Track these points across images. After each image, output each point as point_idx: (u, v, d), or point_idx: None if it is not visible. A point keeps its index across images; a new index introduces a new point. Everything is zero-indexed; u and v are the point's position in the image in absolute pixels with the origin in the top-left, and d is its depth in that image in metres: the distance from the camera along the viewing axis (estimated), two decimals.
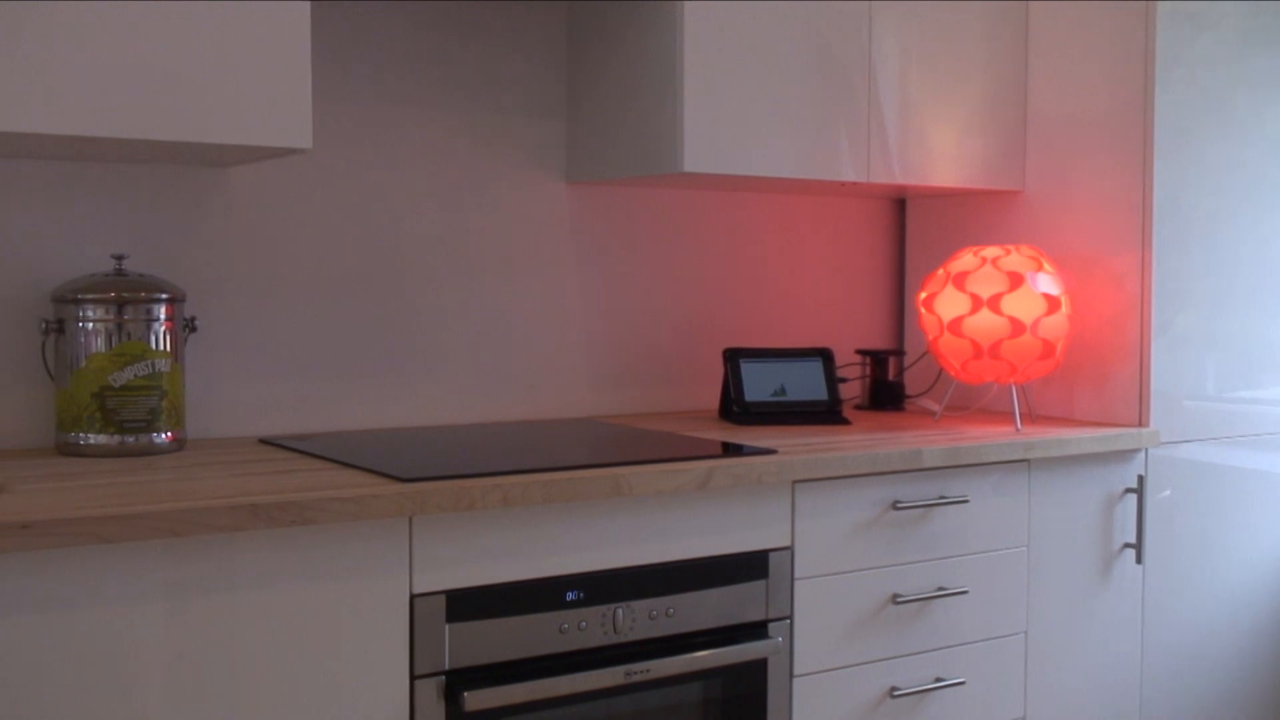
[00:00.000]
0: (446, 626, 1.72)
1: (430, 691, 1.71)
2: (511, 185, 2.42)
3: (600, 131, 2.38)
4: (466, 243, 2.38)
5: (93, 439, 1.93)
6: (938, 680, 2.17)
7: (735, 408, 2.44)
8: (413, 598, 1.70)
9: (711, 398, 2.66)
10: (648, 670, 1.85)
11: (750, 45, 2.25)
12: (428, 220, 2.34)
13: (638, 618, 1.87)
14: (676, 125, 2.19)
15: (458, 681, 1.73)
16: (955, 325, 2.37)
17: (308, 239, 2.23)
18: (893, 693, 2.12)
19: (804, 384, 2.48)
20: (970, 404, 2.66)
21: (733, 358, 2.47)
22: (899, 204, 2.90)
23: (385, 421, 2.31)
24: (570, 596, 1.81)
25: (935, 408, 2.60)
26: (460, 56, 2.35)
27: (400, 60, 2.30)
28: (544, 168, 2.45)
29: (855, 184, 2.43)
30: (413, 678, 1.70)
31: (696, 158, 2.21)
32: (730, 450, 2.03)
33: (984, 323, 2.34)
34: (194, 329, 2.06)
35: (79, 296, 1.94)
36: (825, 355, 2.52)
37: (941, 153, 2.48)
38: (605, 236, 2.53)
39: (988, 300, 2.34)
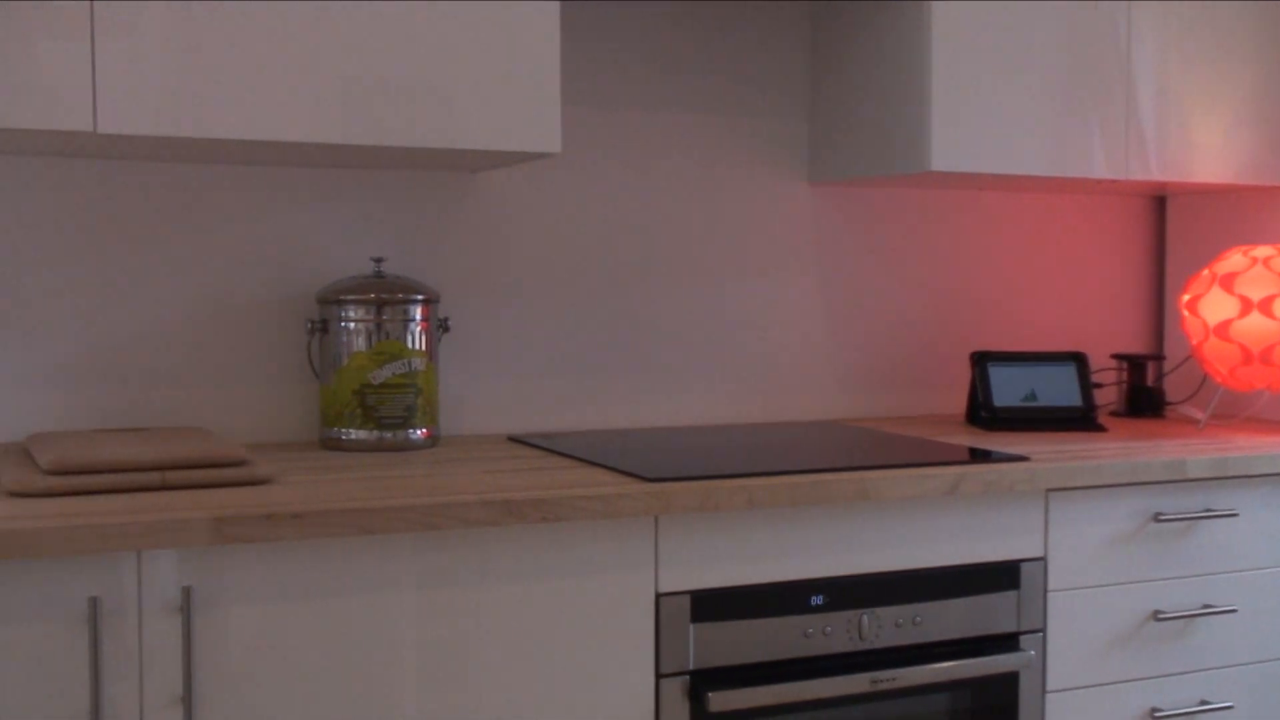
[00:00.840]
0: (691, 627, 1.72)
1: (675, 691, 1.72)
2: (753, 185, 2.41)
3: (844, 130, 2.35)
4: (709, 243, 2.38)
5: (353, 434, 2.01)
6: (1203, 704, 2.06)
7: (983, 412, 2.37)
8: (658, 597, 1.71)
9: (957, 402, 2.59)
10: (894, 679, 1.81)
11: (999, 42, 2.18)
12: (671, 221, 2.36)
13: (883, 625, 1.83)
14: (924, 123, 2.15)
15: (702, 682, 1.73)
16: (1222, 329, 2.24)
17: (554, 241, 2.27)
18: (1154, 714, 2.02)
19: (1056, 389, 2.39)
20: (1238, 412, 2.51)
21: (981, 361, 2.40)
22: (1158, 202, 2.77)
23: (629, 421, 2.34)
24: (815, 601, 1.79)
25: (1199, 416, 2.47)
26: (703, 56, 2.36)
27: (644, 61, 2.32)
28: (786, 167, 2.44)
29: (1111, 182, 2.33)
30: (658, 676, 1.71)
31: (944, 156, 2.16)
32: (979, 456, 1.97)
33: (1254, 326, 2.21)
34: (447, 329, 2.12)
35: (341, 298, 2.02)
36: (1079, 359, 2.42)
37: (1206, 148, 2.35)
38: (847, 237, 2.50)
39: (1259, 303, 2.21)
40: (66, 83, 1.65)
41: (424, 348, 2.04)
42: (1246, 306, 2.22)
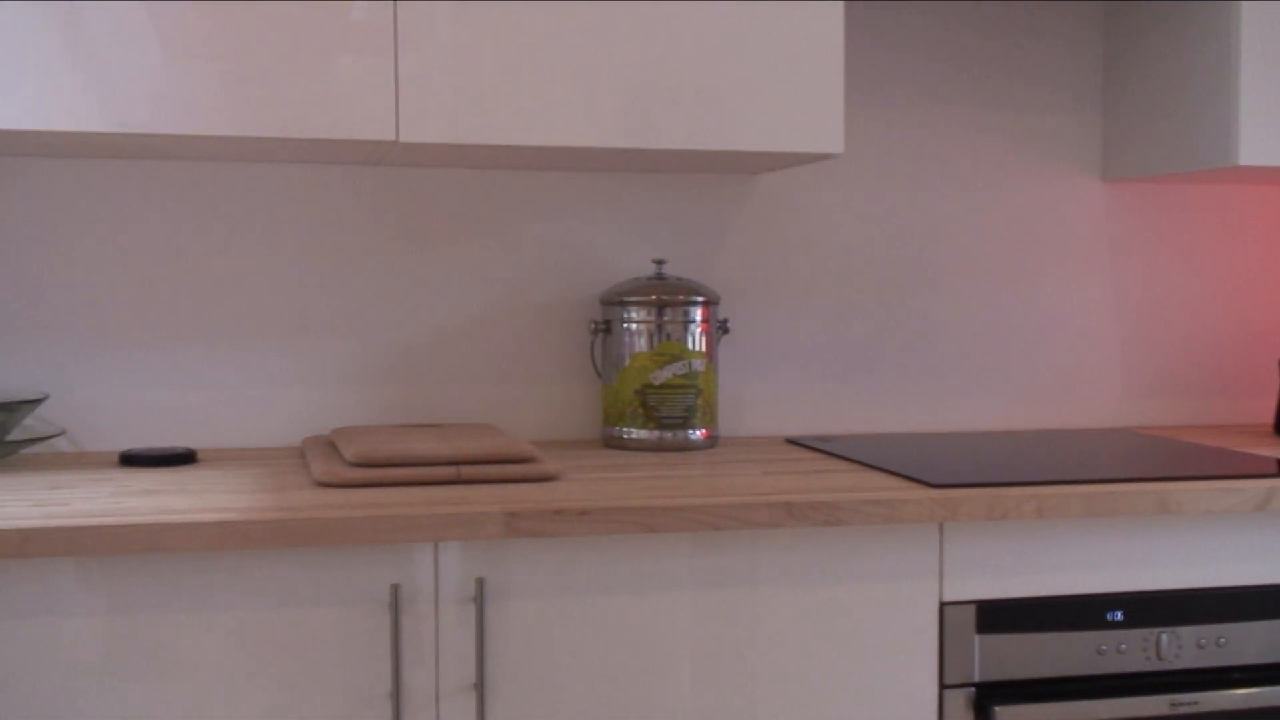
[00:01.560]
0: (976, 638, 1.67)
1: (960, 703, 1.67)
2: (1043, 183, 2.33)
3: (1140, 126, 2.24)
4: (995, 242, 2.31)
5: (635, 433, 2.04)
6: None
7: None
8: (942, 606, 1.67)
9: (1263, 412, 2.43)
10: (1196, 703, 1.71)
11: None
12: (955, 220, 2.30)
13: (1184, 645, 1.73)
14: (1232, 118, 2.02)
15: (988, 695, 1.67)
16: None
17: (834, 242, 2.25)
18: None
19: None
20: None
21: None
22: None
23: (909, 425, 2.29)
24: (1110, 617, 1.71)
25: None
26: (989, 54, 2.29)
27: (930, 59, 2.27)
28: (1077, 164, 2.34)
29: None
30: (942, 687, 1.67)
31: (1254, 150, 2.03)
32: None
33: None
34: (726, 330, 2.13)
35: (623, 299, 2.05)
36: None
37: None
38: (1144, 235, 2.38)
39: None
40: (370, 94, 1.73)
41: (704, 349, 2.05)
42: None
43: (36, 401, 1.84)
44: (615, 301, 2.07)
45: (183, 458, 1.87)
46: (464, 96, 1.76)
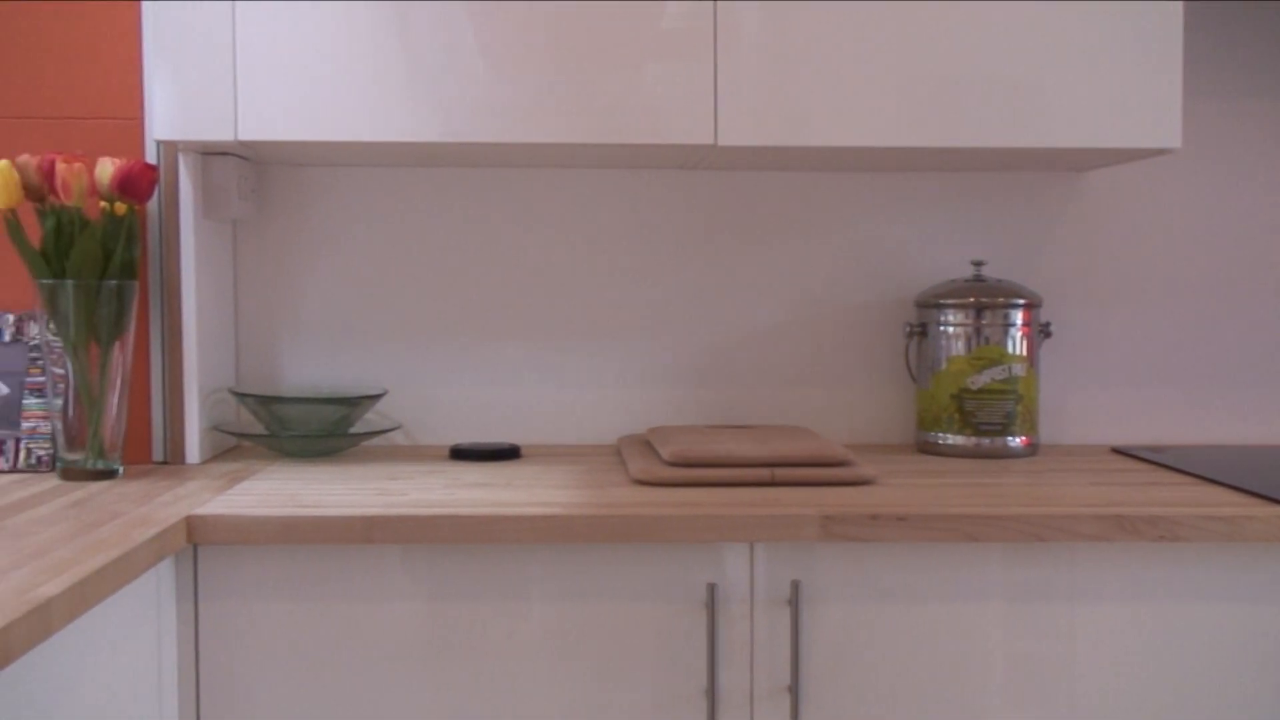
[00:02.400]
0: None
1: None
2: None
3: None
4: None
5: (950, 439, 1.99)
6: None
7: None
8: None
9: None
10: None
11: None
12: None
13: None
14: None
15: None
16: None
17: (1168, 242, 2.14)
18: None
19: None
20: None
21: None
22: None
23: (1249, 437, 2.15)
24: None
25: None
26: None
27: (1273, 53, 2.12)
28: None
29: None
30: None
31: None
32: None
33: None
34: (1049, 334, 2.05)
35: (940, 302, 2.01)
36: None
37: None
38: None
39: None
40: (689, 99, 1.76)
41: (1024, 353, 1.99)
42: None
43: (376, 397, 1.96)
44: (931, 304, 2.02)
45: (508, 453, 1.95)
46: (781, 99, 1.77)
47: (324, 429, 1.92)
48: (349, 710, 1.53)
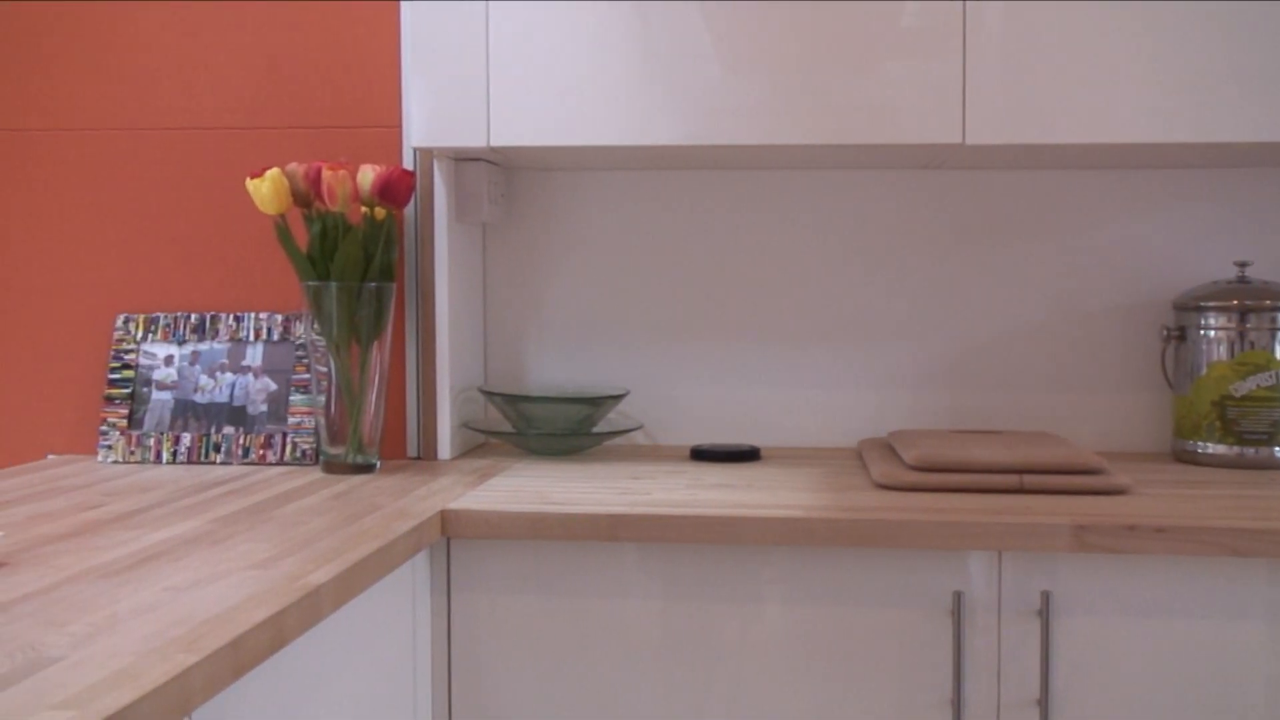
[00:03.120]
0: None
1: None
2: None
3: None
4: None
5: (1210, 448, 1.90)
6: None
7: None
8: None
9: None
10: None
11: None
12: None
13: None
14: None
15: None
16: None
17: None
18: None
19: None
20: None
21: None
22: None
23: None
24: None
25: None
26: None
27: None
28: None
29: None
30: None
31: None
32: None
33: None
34: None
35: (1200, 304, 1.92)
36: None
37: None
38: None
39: None
40: (936, 98, 1.73)
41: None
42: None
43: (619, 397, 1.99)
44: (1191, 306, 1.93)
45: (748, 454, 1.95)
46: (1029, 95, 1.72)
47: (569, 428, 1.96)
48: (587, 703, 1.56)
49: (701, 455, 1.96)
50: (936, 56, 1.73)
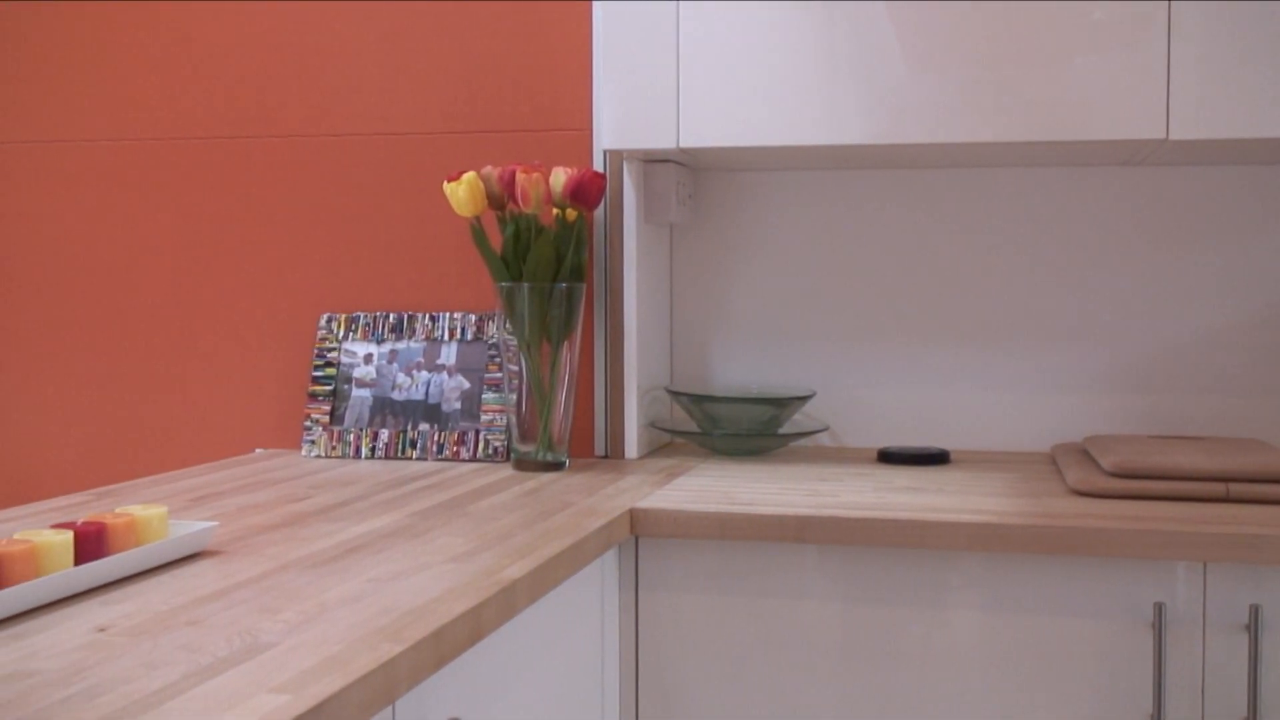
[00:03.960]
0: None
1: None
2: None
3: None
4: None
5: None
6: None
7: None
8: None
9: None
10: None
11: None
12: None
13: None
14: None
15: None
16: None
17: None
18: None
19: None
20: None
21: None
22: None
23: None
24: None
25: None
26: None
27: None
28: None
29: None
30: None
31: None
32: None
33: None
34: None
35: None
36: None
37: None
38: None
39: None
40: (1137, 92, 1.67)
41: None
42: None
43: (805, 398, 1.98)
44: None
45: (937, 457, 1.92)
46: (1235, 89, 1.65)
47: (754, 428, 1.96)
48: (769, 704, 1.56)
49: (889, 458, 1.94)
50: (1137, 50, 1.67)
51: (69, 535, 1.11)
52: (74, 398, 2.19)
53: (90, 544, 1.14)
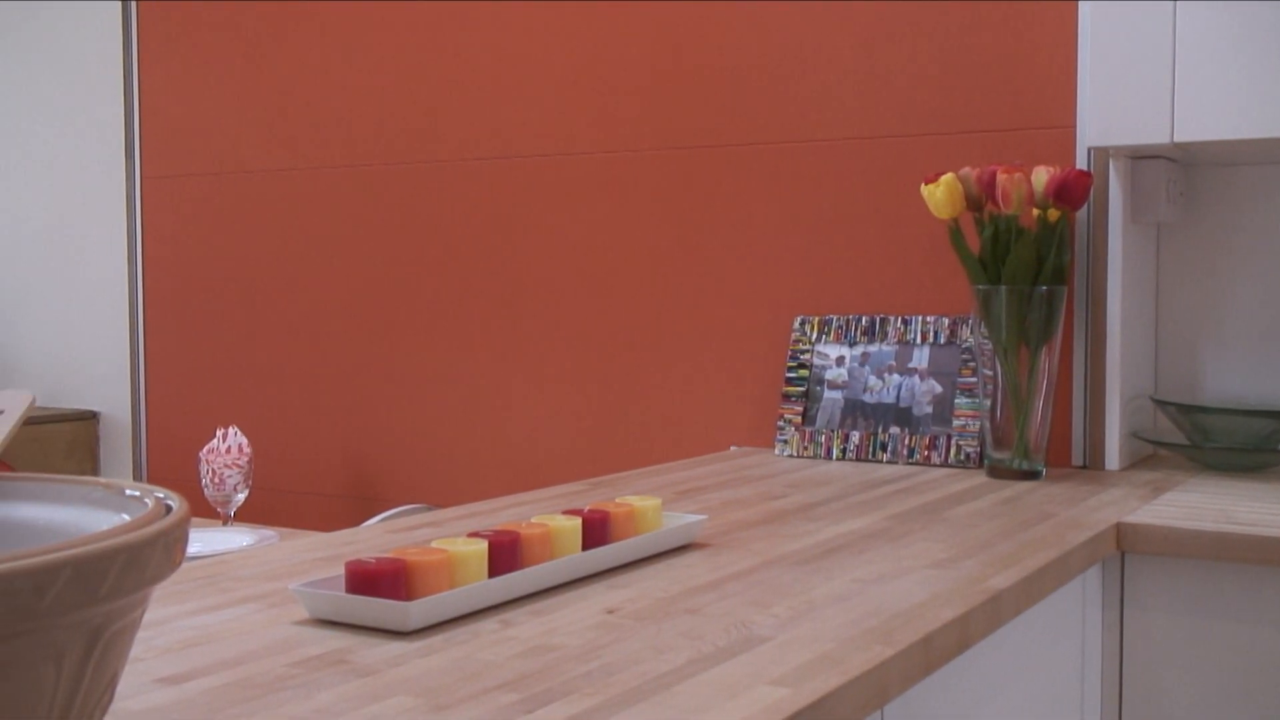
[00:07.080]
0: None
1: None
2: None
3: None
4: None
5: None
6: None
7: None
8: None
9: None
10: None
11: None
12: None
13: None
14: None
15: None
16: None
17: None
18: None
19: None
20: None
21: None
22: None
23: None
24: None
25: None
26: None
27: None
28: None
29: None
30: None
31: None
32: None
33: None
34: None
35: None
36: None
37: None
38: None
39: None
40: None
41: None
42: None
43: None
44: None
45: None
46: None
47: (1252, 442, 1.82)
48: None
49: None
50: None
51: (577, 521, 1.19)
52: (571, 396, 2.35)
53: (596, 531, 1.22)
